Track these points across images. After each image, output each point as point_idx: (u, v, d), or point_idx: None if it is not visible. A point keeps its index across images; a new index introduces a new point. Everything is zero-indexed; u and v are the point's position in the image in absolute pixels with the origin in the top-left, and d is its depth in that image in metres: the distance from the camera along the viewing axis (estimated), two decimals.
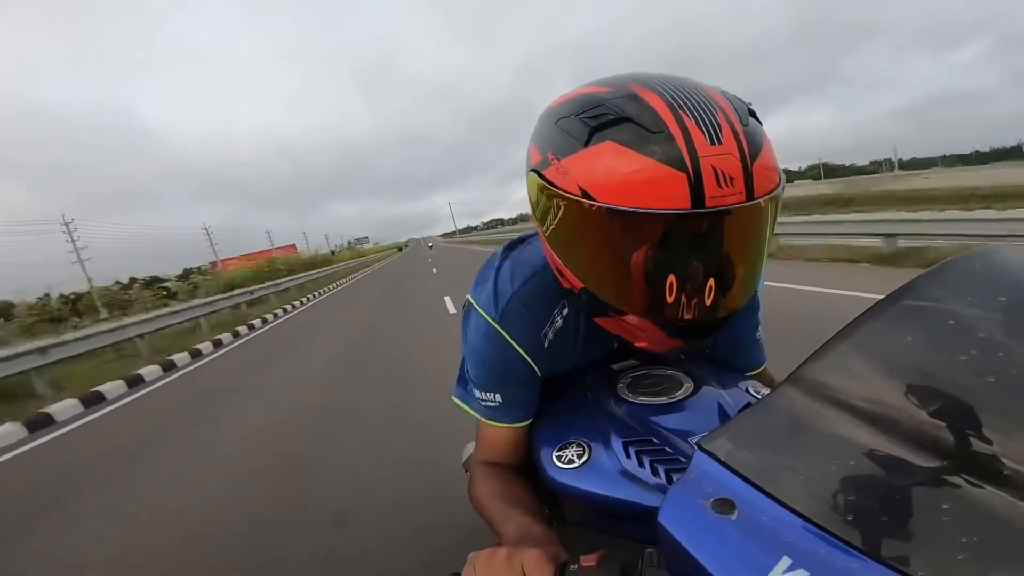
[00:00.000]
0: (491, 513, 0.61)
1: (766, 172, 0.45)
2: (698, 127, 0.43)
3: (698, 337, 0.52)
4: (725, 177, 0.43)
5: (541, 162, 0.52)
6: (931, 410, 0.32)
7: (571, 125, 0.49)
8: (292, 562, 1.77)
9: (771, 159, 0.47)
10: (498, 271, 0.67)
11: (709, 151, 0.43)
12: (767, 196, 0.45)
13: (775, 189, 0.46)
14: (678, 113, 0.44)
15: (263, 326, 10.00)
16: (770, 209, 0.47)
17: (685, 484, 0.37)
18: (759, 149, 0.45)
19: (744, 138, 0.44)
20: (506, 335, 0.62)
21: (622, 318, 0.53)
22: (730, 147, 0.43)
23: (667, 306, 0.48)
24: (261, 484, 2.52)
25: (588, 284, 0.52)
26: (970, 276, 0.38)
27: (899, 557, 0.27)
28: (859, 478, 0.31)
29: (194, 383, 5.59)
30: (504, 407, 0.65)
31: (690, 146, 0.43)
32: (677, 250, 0.46)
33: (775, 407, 0.39)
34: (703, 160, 0.42)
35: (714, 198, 0.42)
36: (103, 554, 2.12)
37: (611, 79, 0.51)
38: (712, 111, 0.45)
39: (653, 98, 0.46)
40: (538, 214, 0.55)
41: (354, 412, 3.39)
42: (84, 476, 3.16)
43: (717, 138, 0.43)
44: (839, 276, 5.17)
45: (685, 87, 0.47)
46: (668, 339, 0.52)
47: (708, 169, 0.42)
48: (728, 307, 0.50)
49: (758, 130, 0.47)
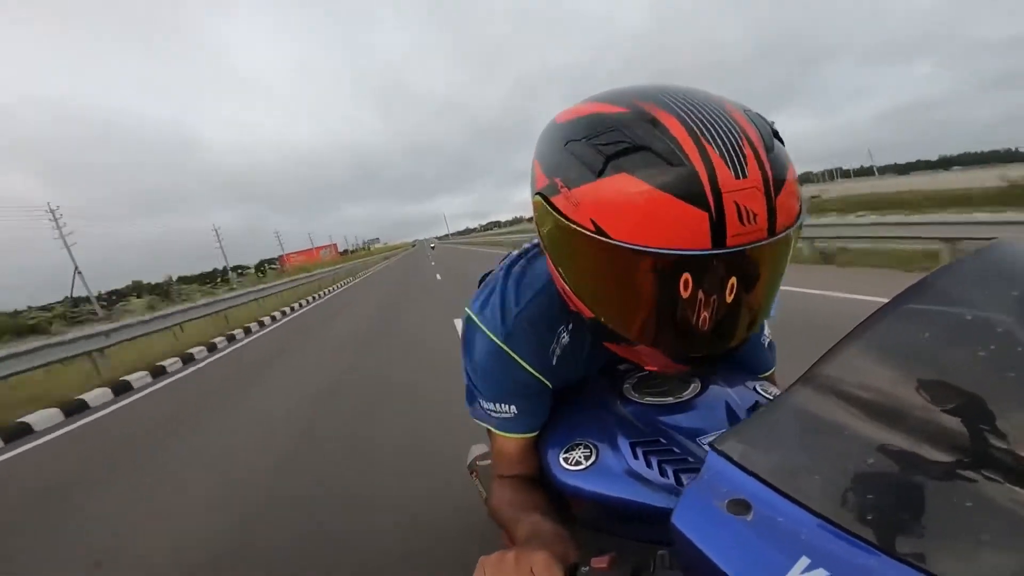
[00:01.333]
0: (506, 520, 0.61)
1: (789, 204, 0.43)
2: (722, 158, 0.40)
3: (708, 363, 0.51)
4: (749, 215, 0.40)
5: (549, 187, 0.49)
6: (946, 407, 0.31)
7: (582, 151, 0.45)
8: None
9: (794, 188, 0.44)
10: (502, 290, 0.65)
11: (733, 186, 0.40)
12: (789, 230, 0.43)
13: (796, 221, 0.44)
14: (700, 141, 0.41)
15: (338, 290, 17.99)
16: (789, 242, 0.44)
17: (699, 486, 0.37)
18: (783, 179, 0.42)
19: (769, 168, 0.41)
20: (513, 354, 0.61)
21: (633, 348, 0.52)
22: (755, 180, 0.40)
23: (678, 340, 0.47)
24: (340, 361, 5.27)
25: (597, 314, 0.51)
26: (984, 272, 0.38)
27: (917, 554, 0.27)
28: (875, 476, 0.31)
29: (294, 323, 9.96)
30: (519, 418, 0.64)
31: (713, 182, 0.39)
32: (693, 288, 0.43)
33: (788, 407, 0.39)
34: (726, 196, 0.39)
35: (736, 236, 0.40)
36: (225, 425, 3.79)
37: (624, 96, 0.47)
38: (736, 137, 0.41)
39: (672, 122, 0.42)
40: (545, 239, 0.53)
41: (395, 319, 7.77)
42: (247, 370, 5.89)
43: (742, 170, 0.40)
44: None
45: (706, 108, 0.43)
46: (676, 364, 0.52)
47: (731, 206, 0.39)
48: (739, 338, 0.48)
49: (782, 156, 0.44)
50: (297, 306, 12.82)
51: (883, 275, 5.14)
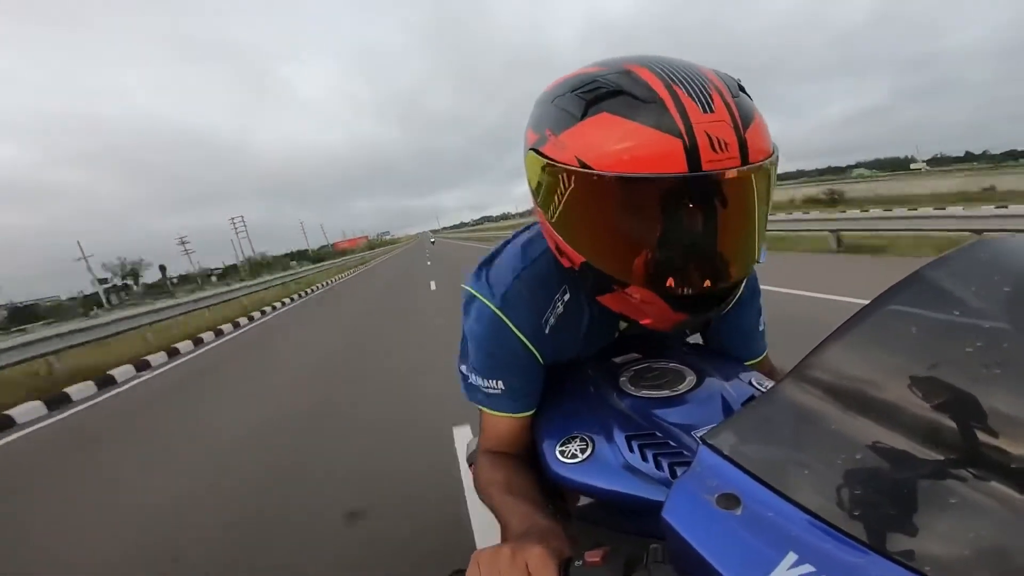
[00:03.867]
0: (497, 504, 0.61)
1: (760, 140, 0.47)
2: (689, 96, 0.45)
3: (703, 310, 0.52)
4: (720, 143, 0.44)
5: (539, 140, 0.53)
6: (936, 403, 0.31)
7: (567, 102, 0.50)
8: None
9: (764, 129, 0.48)
10: (497, 259, 0.67)
11: (702, 118, 0.44)
12: (763, 162, 0.46)
13: (770, 156, 0.47)
14: (670, 85, 0.45)
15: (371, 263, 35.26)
16: (766, 177, 0.47)
17: (689, 479, 0.37)
18: (751, 119, 0.46)
19: (736, 108, 0.45)
20: (507, 320, 0.62)
21: (625, 292, 0.53)
22: (722, 115, 0.45)
23: (670, 274, 0.49)
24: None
25: (589, 257, 0.52)
26: (975, 267, 0.37)
27: (905, 551, 0.27)
28: (864, 472, 0.31)
29: (345, 286, 17.04)
30: (507, 395, 0.65)
31: (683, 114, 0.44)
32: (676, 216, 0.46)
33: (779, 401, 0.38)
34: (697, 127, 0.43)
35: (711, 162, 0.43)
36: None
37: (604, 60, 0.53)
38: (704, 83, 0.46)
39: (644, 72, 0.47)
40: (537, 193, 0.55)
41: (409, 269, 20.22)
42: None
43: (709, 106, 0.44)
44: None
45: (675, 63, 0.48)
46: (673, 313, 0.52)
47: (702, 135, 0.43)
48: (731, 277, 0.50)
49: (749, 103, 0.48)
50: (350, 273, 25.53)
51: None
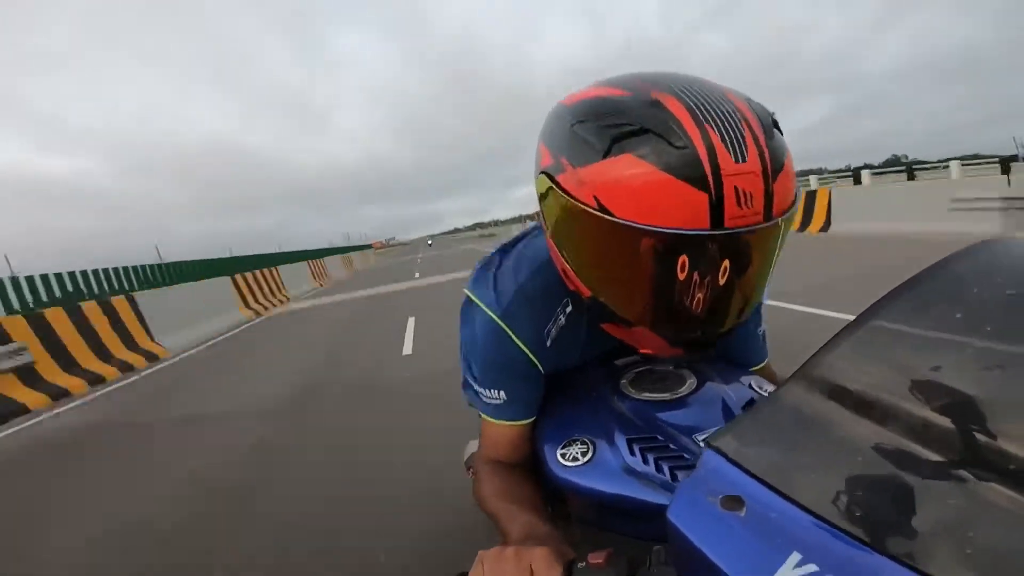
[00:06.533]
0: (496, 512, 0.60)
1: (785, 191, 0.44)
2: (723, 143, 0.42)
3: (702, 348, 0.53)
4: (746, 198, 0.42)
5: (554, 166, 0.50)
6: (938, 405, 0.32)
7: (588, 132, 0.47)
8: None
9: (790, 176, 0.46)
10: (499, 267, 0.66)
11: (733, 170, 0.41)
12: (785, 214, 0.45)
13: (791, 207, 0.46)
14: (703, 125, 0.42)
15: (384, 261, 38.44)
16: (784, 226, 0.46)
17: (694, 481, 0.37)
18: (781, 166, 0.44)
19: (768, 155, 0.43)
20: (509, 330, 0.61)
21: (628, 327, 0.53)
22: (754, 165, 0.42)
23: (675, 320, 0.48)
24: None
25: (596, 293, 0.52)
26: (977, 269, 0.38)
27: (908, 552, 0.27)
28: (867, 474, 0.32)
29: (371, 271, 21.65)
30: (508, 404, 0.64)
31: (714, 164, 0.41)
32: (689, 267, 0.45)
33: (782, 404, 0.39)
34: (726, 180, 0.41)
35: (733, 219, 0.42)
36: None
37: (629, 80, 0.49)
38: (737, 123, 0.43)
39: (676, 106, 0.43)
40: (547, 217, 0.54)
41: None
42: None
43: (742, 155, 0.42)
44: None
45: (710, 95, 0.45)
46: (672, 348, 0.53)
47: (731, 190, 0.41)
48: (732, 322, 0.50)
49: (781, 145, 0.46)
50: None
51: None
